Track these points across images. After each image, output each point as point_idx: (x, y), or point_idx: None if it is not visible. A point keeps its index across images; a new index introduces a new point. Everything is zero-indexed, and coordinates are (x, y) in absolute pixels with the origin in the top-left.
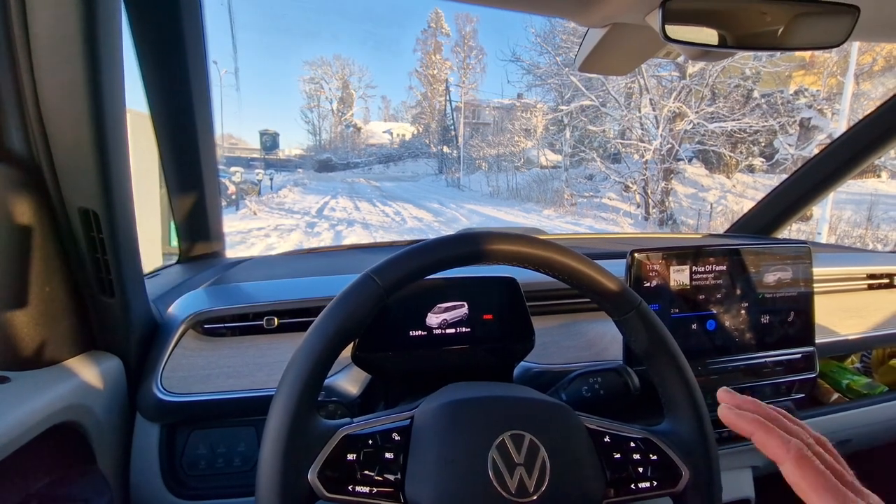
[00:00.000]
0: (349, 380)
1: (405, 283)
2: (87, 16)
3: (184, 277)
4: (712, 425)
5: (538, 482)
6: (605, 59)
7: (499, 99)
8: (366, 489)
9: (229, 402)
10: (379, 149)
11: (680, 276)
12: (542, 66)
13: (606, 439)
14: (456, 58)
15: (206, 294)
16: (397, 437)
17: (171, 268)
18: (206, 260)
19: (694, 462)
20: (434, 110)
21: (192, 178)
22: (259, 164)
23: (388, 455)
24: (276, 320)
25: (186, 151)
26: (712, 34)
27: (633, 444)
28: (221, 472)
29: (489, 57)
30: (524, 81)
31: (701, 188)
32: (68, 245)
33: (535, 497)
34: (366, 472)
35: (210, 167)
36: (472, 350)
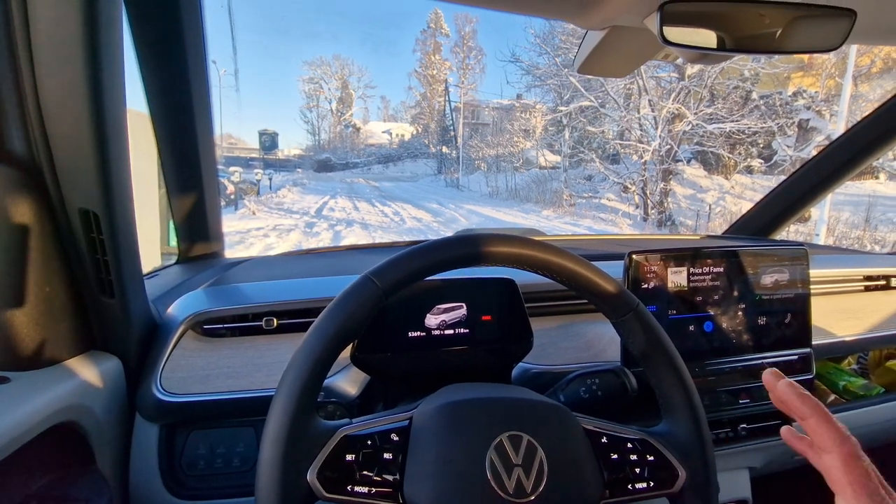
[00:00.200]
0: (348, 381)
1: (404, 285)
2: (88, 17)
3: (183, 278)
4: (709, 426)
5: (536, 483)
6: (604, 61)
7: (498, 99)
8: (364, 489)
9: (228, 402)
10: (378, 149)
11: (677, 278)
12: (542, 67)
13: (604, 440)
14: (455, 58)
15: (206, 294)
16: (396, 438)
17: (171, 268)
18: (205, 260)
19: (691, 463)
20: (433, 111)
21: (191, 179)
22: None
23: (386, 455)
24: (275, 321)
25: (186, 151)
26: (710, 37)
27: (630, 445)
28: (220, 473)
29: (488, 57)
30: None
31: (699, 189)
32: (68, 246)
33: (532, 497)
34: (364, 472)
35: (209, 167)
36: (470, 351)
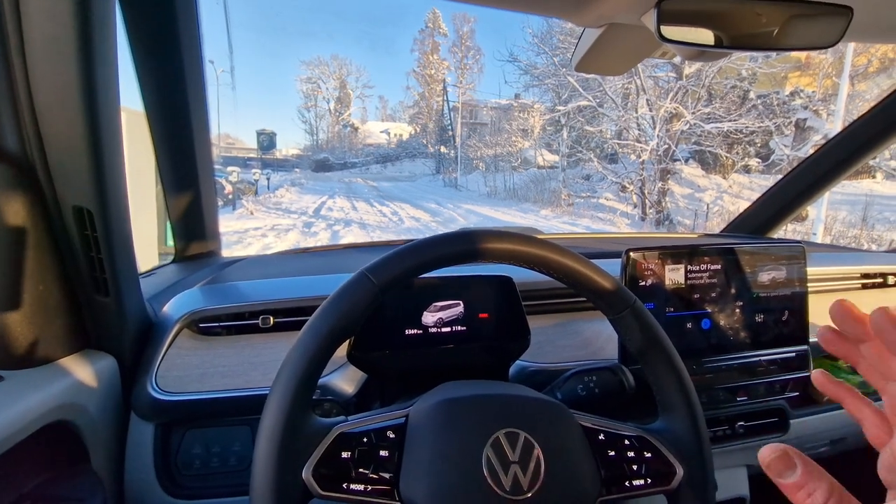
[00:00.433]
0: (345, 379)
1: (401, 282)
2: (81, 14)
3: (179, 277)
4: (706, 424)
5: (532, 480)
6: (602, 59)
7: (496, 99)
8: (360, 487)
9: (224, 401)
10: (376, 149)
11: (675, 276)
12: (540, 67)
13: (601, 437)
14: (453, 58)
15: (202, 293)
16: (392, 435)
17: (167, 267)
18: (201, 259)
19: (688, 460)
20: (431, 110)
21: (187, 177)
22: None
23: (382, 453)
24: (271, 319)
25: (182, 150)
26: (707, 34)
27: (627, 442)
28: (216, 472)
29: (486, 57)
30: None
31: (697, 188)
32: (62, 243)
33: (529, 495)
34: (360, 470)
35: (206, 166)
36: (467, 349)
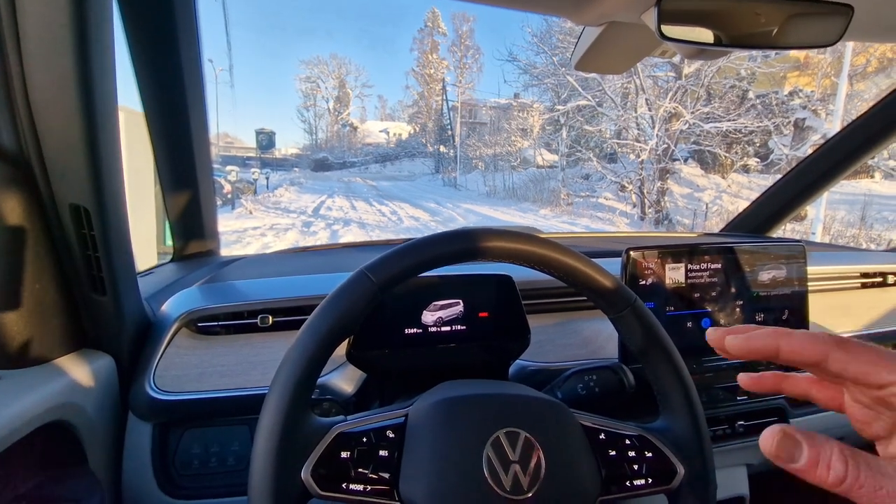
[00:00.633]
0: (344, 378)
1: (400, 280)
2: (77, 10)
3: (177, 276)
4: (707, 423)
5: (533, 480)
6: (602, 58)
7: (495, 98)
8: (360, 487)
9: (223, 400)
10: (375, 148)
11: (675, 275)
12: (539, 66)
13: (601, 437)
14: (453, 57)
15: (200, 292)
16: (392, 435)
17: (165, 266)
18: (200, 258)
19: (689, 459)
20: (431, 110)
21: (186, 176)
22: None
23: (382, 453)
24: (270, 318)
25: (180, 149)
26: (708, 33)
27: (628, 442)
28: (215, 472)
29: (486, 56)
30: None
31: (696, 188)
32: (59, 242)
33: (530, 495)
34: (360, 469)
35: (204, 165)
36: (467, 348)
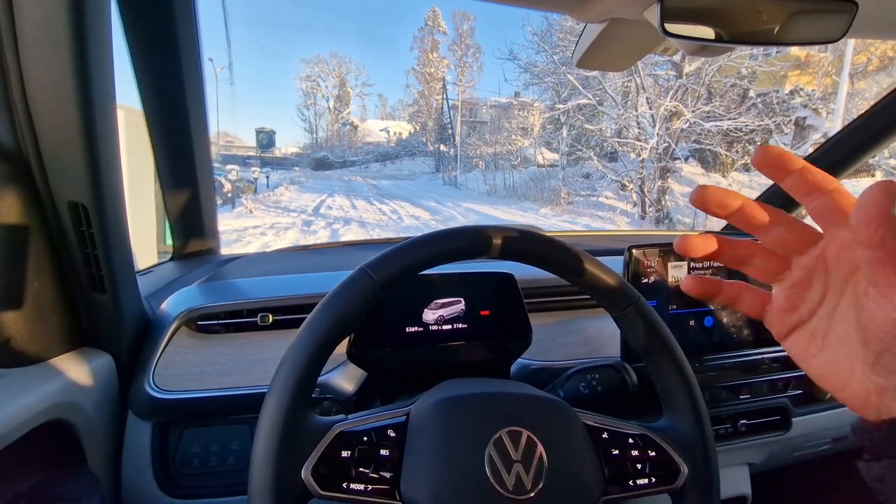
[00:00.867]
0: (344, 377)
1: (401, 278)
2: (74, 6)
3: (177, 274)
4: (710, 422)
5: (535, 479)
6: (603, 55)
7: (496, 97)
8: (361, 487)
9: (223, 399)
10: (376, 147)
11: (678, 273)
12: (539, 65)
13: (604, 436)
14: (453, 56)
15: (200, 291)
16: (393, 434)
17: (165, 265)
18: (200, 257)
19: (692, 459)
20: (431, 109)
21: (185, 175)
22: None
23: (383, 452)
24: (270, 317)
25: (180, 147)
26: (710, 29)
27: (631, 441)
28: (215, 471)
29: (486, 55)
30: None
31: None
32: (57, 240)
33: (532, 494)
34: (361, 469)
35: (204, 163)
36: (468, 347)
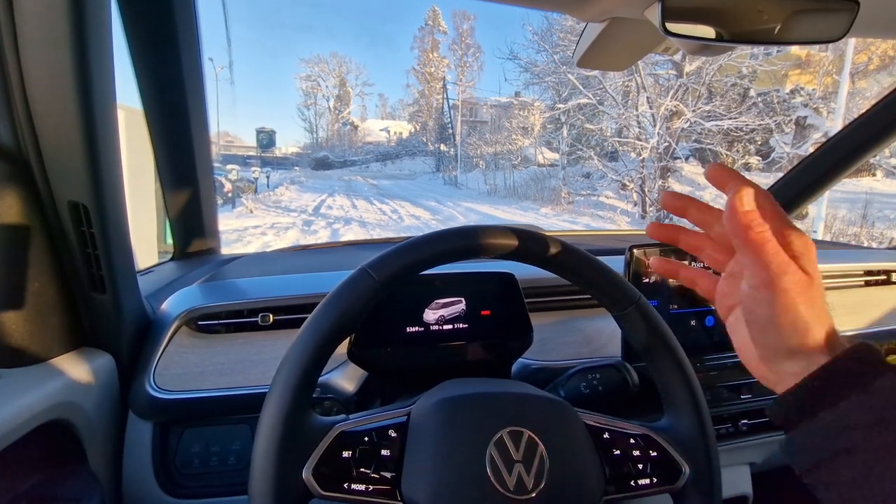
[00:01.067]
0: (345, 377)
1: (401, 278)
2: (75, 6)
3: (178, 274)
4: (712, 421)
5: (537, 479)
6: (604, 55)
7: (496, 97)
8: (361, 487)
9: (223, 399)
10: (376, 147)
11: None
12: (540, 65)
13: (606, 436)
14: (453, 55)
15: (200, 290)
16: (394, 434)
17: (165, 265)
18: (200, 257)
19: (694, 459)
20: (431, 108)
21: (186, 175)
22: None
23: (384, 452)
24: (271, 317)
25: (180, 147)
26: (712, 28)
27: (632, 441)
28: (215, 471)
29: (486, 55)
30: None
31: (698, 186)
32: (58, 240)
33: (533, 494)
34: (362, 469)
35: (204, 163)
36: (469, 346)
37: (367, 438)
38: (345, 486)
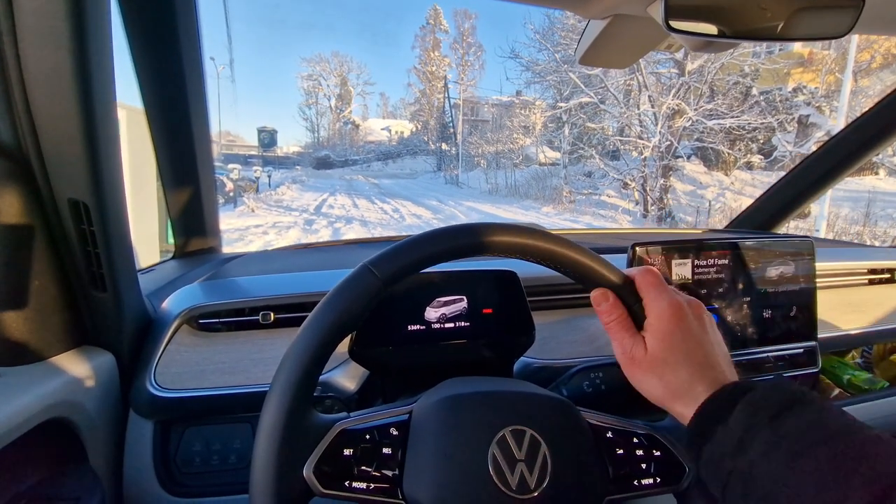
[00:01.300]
0: (346, 376)
1: (404, 275)
2: (75, 3)
3: (179, 273)
4: None
5: (539, 478)
6: (606, 52)
7: (497, 96)
8: (363, 485)
9: (224, 398)
10: (377, 146)
11: (682, 270)
12: (541, 63)
13: (609, 435)
14: (454, 54)
15: (201, 289)
16: (395, 432)
17: (167, 263)
18: (201, 255)
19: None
20: (433, 107)
21: (187, 173)
22: (257, 162)
23: (385, 450)
24: (272, 315)
25: (181, 145)
26: (715, 23)
27: (636, 441)
28: (216, 470)
29: (488, 54)
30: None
31: (699, 185)
32: (58, 238)
33: (536, 493)
34: (363, 467)
35: (205, 162)
36: (471, 345)
37: (368, 436)
38: (346, 484)
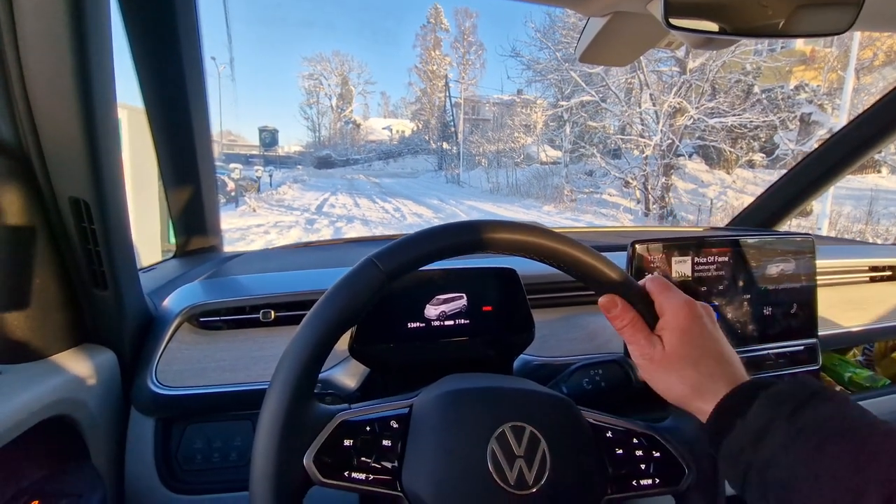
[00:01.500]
0: (347, 373)
1: (408, 270)
2: (75, 2)
3: (180, 271)
4: None
5: (538, 475)
6: (606, 50)
7: (498, 95)
8: (362, 476)
9: (225, 395)
10: (378, 145)
11: (682, 268)
12: (542, 62)
13: (609, 434)
14: (455, 53)
15: (202, 287)
16: (396, 425)
17: (168, 262)
18: (202, 254)
19: (698, 461)
20: (433, 106)
21: (188, 172)
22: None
23: (385, 442)
24: (272, 313)
25: (182, 145)
26: (715, 20)
27: (635, 441)
28: (217, 467)
29: (489, 52)
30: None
31: (701, 184)
32: (59, 236)
33: (534, 490)
34: (363, 458)
35: (206, 161)
36: (471, 342)
37: (368, 428)
38: (345, 474)
